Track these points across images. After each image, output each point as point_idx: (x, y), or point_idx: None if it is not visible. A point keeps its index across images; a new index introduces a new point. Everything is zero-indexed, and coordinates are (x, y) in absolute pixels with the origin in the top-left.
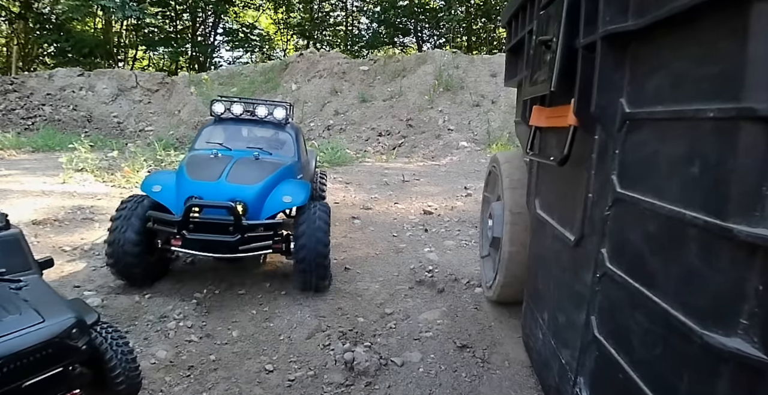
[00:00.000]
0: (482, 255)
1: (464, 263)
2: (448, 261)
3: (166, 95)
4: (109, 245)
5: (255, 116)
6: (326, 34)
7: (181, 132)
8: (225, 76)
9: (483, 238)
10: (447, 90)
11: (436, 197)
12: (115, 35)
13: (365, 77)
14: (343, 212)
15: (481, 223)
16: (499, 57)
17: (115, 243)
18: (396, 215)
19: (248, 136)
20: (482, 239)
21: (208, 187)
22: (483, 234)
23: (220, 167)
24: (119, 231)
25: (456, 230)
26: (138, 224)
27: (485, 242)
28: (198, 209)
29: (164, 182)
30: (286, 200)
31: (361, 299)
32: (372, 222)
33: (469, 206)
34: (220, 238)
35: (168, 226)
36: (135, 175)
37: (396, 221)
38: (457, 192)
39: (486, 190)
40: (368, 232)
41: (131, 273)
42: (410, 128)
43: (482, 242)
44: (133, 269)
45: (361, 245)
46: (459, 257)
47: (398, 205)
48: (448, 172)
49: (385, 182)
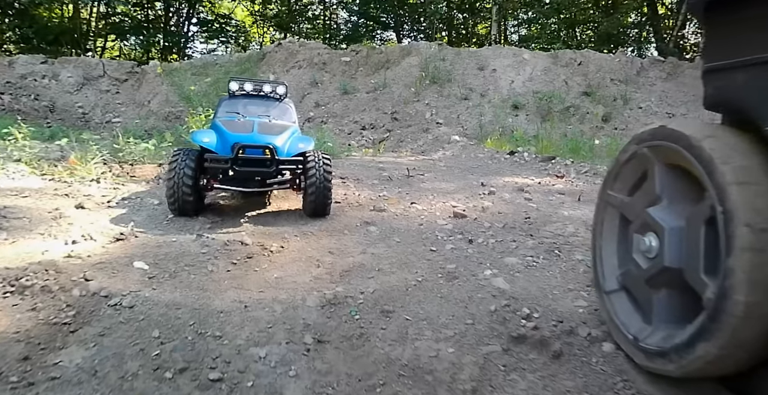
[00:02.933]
0: (606, 290)
1: (552, 293)
2: (527, 291)
3: (136, 85)
4: (169, 182)
5: (262, 92)
6: (304, 27)
7: (150, 123)
8: (198, 65)
9: (604, 262)
10: (434, 83)
11: (455, 196)
12: (84, 23)
13: (347, 68)
14: (350, 216)
15: (597, 238)
16: (485, 50)
17: (175, 180)
18: (420, 219)
19: (258, 107)
20: (601, 265)
21: (247, 137)
22: (604, 257)
23: (249, 125)
24: (178, 170)
25: (510, 241)
26: (192, 167)
27: (611, 270)
28: (242, 151)
29: (209, 136)
30: (301, 146)
31: (434, 381)
32: (393, 230)
33: (502, 207)
34: (261, 169)
35: (222, 163)
36: (82, 167)
37: (424, 228)
38: (475, 189)
39: (612, 187)
40: (394, 244)
41: (186, 205)
42: (395, 122)
43: (602, 268)
44: (188, 199)
45: (392, 267)
46: (538, 284)
47: (417, 205)
48: (449, 167)
49: (387, 177)
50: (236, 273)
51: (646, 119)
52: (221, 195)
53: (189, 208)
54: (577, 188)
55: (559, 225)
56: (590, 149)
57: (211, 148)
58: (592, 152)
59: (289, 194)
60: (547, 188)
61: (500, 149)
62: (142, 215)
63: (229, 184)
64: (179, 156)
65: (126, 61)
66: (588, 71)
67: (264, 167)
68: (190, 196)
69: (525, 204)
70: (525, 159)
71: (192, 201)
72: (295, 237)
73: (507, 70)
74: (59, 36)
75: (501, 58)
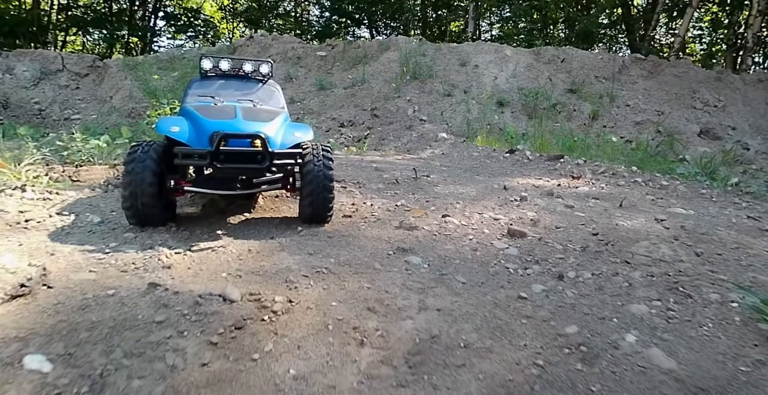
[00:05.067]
0: None
1: (740, 370)
2: (707, 372)
3: (97, 80)
4: (126, 185)
5: (241, 72)
6: (275, 22)
7: (112, 120)
8: (165, 60)
9: None
10: (415, 79)
11: (484, 203)
12: (43, 15)
13: (323, 63)
14: (372, 237)
15: None
16: (466, 46)
17: (133, 182)
18: (468, 240)
19: (237, 90)
20: None
21: (228, 124)
22: None
23: (229, 110)
24: (137, 170)
25: (610, 275)
26: (153, 166)
27: None
28: (224, 142)
29: (179, 124)
30: (298, 135)
31: None
32: (444, 260)
33: (552, 219)
34: (250, 166)
35: (199, 159)
36: (10, 170)
37: (482, 255)
38: (501, 194)
39: None
40: (459, 288)
41: (148, 214)
42: (376, 119)
43: None
44: (151, 209)
45: (482, 337)
46: (707, 353)
47: (452, 219)
48: (448, 167)
49: (392, 180)
50: (220, 371)
51: (634, 116)
52: (192, 197)
53: (152, 218)
54: (604, 191)
55: (645, 245)
56: (587, 147)
57: (181, 139)
58: (589, 151)
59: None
60: (573, 192)
61: (493, 147)
62: (72, 243)
63: (204, 186)
64: (138, 151)
65: (87, 55)
66: (572, 68)
67: (254, 163)
68: (154, 204)
69: (571, 214)
70: (528, 158)
71: (155, 209)
72: (305, 279)
73: (489, 66)
74: (15, 28)
75: (482, 54)
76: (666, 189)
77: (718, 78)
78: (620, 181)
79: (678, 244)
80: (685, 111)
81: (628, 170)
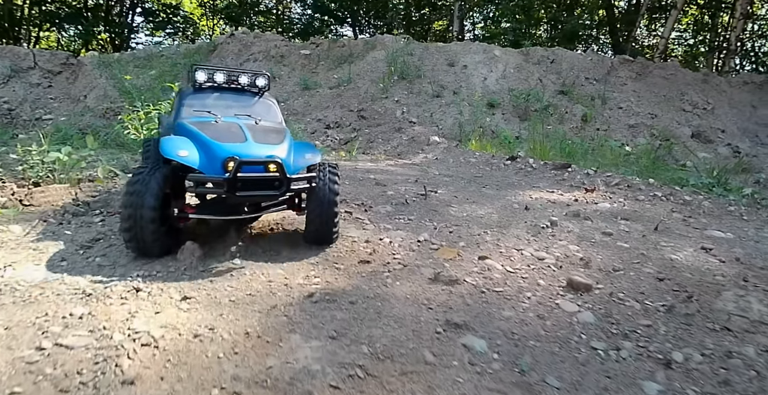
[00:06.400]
0: None
1: None
2: None
3: (71, 78)
4: (126, 210)
5: (237, 85)
6: (256, 20)
7: (85, 121)
8: (142, 57)
9: None
10: (402, 79)
11: (514, 233)
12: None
13: (307, 62)
14: (405, 298)
15: None
16: (454, 45)
17: (134, 208)
18: (526, 299)
19: (233, 104)
20: None
21: (240, 148)
22: None
23: (236, 131)
24: (138, 196)
25: (720, 353)
26: (157, 191)
27: None
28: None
29: (186, 147)
30: (309, 157)
31: None
32: (514, 343)
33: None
34: (268, 192)
35: (216, 186)
36: None
37: (555, 328)
38: (523, 217)
39: None
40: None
41: (150, 243)
42: (363, 120)
43: None
44: (153, 236)
45: None
46: None
47: (492, 262)
48: (451, 177)
49: (403, 201)
50: None
51: (627, 119)
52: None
53: (155, 247)
54: (627, 208)
55: (732, 298)
56: (585, 153)
57: (193, 165)
58: (587, 156)
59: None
60: (595, 209)
61: (490, 152)
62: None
63: (210, 212)
64: (142, 174)
65: (60, 52)
66: (561, 69)
67: (271, 190)
68: (155, 230)
69: (615, 245)
70: (532, 166)
71: (158, 238)
72: (334, 391)
73: (478, 66)
74: None
75: (471, 54)
76: (690, 205)
77: (705, 80)
78: (639, 195)
79: (754, 289)
80: (675, 114)
81: (644, 181)
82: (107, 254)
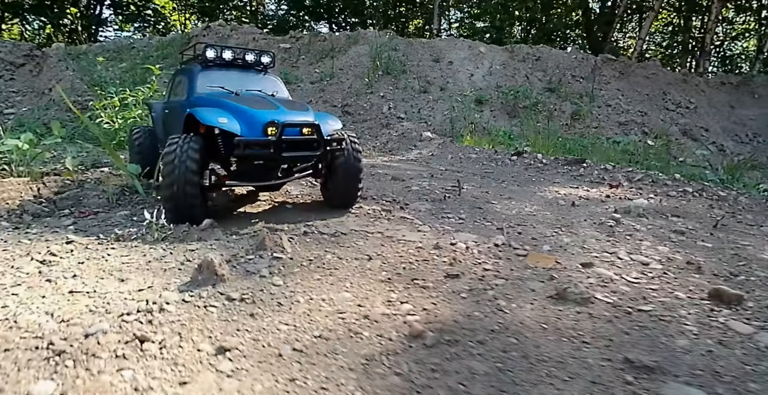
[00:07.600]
0: None
1: None
2: None
3: (35, 71)
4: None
5: (244, 62)
6: (230, 14)
7: (50, 115)
8: (112, 49)
9: None
10: (387, 74)
11: (588, 233)
12: None
13: (287, 56)
14: (537, 329)
15: None
16: (439, 41)
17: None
18: (685, 316)
19: (243, 80)
20: None
21: (277, 114)
22: None
23: (264, 100)
24: (180, 161)
25: None
26: (197, 157)
27: None
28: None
29: (225, 115)
30: (332, 123)
31: None
32: None
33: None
34: (309, 153)
35: (263, 148)
36: None
37: (748, 358)
38: (580, 213)
39: None
40: None
41: (191, 208)
42: (348, 116)
43: None
44: (194, 201)
45: None
46: None
47: (601, 270)
48: (459, 173)
49: (440, 197)
50: None
51: (617, 117)
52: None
53: (195, 212)
54: (666, 205)
55: None
56: (583, 149)
57: (234, 131)
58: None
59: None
60: (638, 206)
61: (489, 148)
62: None
63: (242, 179)
64: (178, 143)
65: (23, 43)
66: (547, 67)
67: (310, 150)
68: (197, 196)
69: (697, 244)
70: (542, 162)
71: (198, 203)
72: None
73: (464, 63)
74: None
75: (456, 50)
76: (727, 201)
77: (684, 80)
78: (669, 191)
79: None
80: (661, 112)
81: (670, 177)
82: (83, 273)
